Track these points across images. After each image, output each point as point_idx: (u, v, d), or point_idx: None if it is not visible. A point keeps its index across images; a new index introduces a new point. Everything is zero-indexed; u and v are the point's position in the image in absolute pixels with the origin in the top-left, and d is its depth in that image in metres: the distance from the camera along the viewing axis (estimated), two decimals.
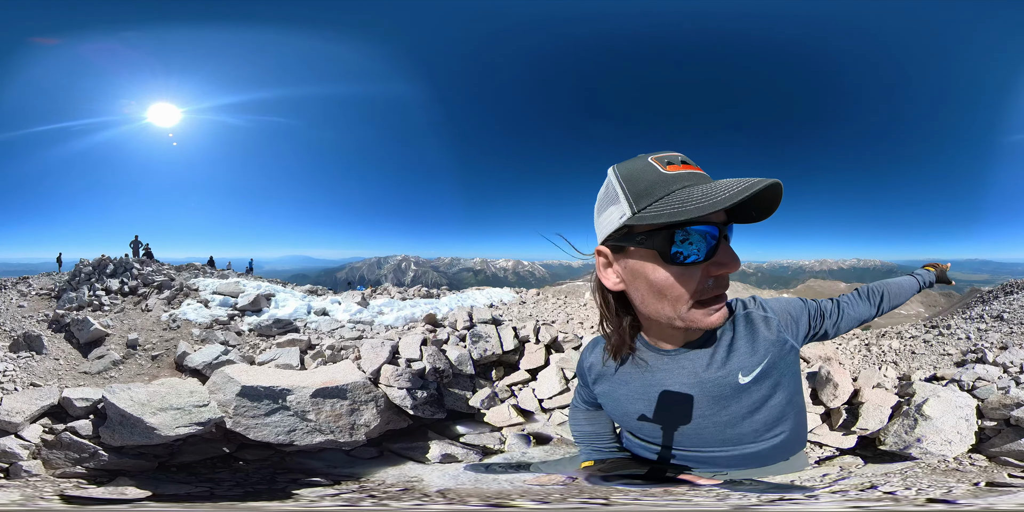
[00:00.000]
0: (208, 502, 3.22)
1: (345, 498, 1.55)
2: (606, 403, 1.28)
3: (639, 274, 1.01)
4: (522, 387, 5.38)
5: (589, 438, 1.48)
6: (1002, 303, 8.16)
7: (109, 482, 3.56)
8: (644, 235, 0.97)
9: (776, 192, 0.94)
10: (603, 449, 1.45)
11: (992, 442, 3.99)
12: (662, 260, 0.97)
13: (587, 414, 1.48)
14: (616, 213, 1.00)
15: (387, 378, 4.82)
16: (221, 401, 4.02)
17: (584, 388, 1.40)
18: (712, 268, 0.98)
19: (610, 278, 1.07)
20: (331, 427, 4.16)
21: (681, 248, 0.95)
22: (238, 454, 4.13)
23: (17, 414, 4.27)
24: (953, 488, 2.98)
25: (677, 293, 0.98)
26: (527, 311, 10.13)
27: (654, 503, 1.11)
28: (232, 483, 3.69)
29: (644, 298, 1.04)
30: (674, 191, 0.95)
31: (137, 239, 15.92)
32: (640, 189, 0.97)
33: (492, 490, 1.57)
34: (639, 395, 1.18)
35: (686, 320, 1.01)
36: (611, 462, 1.40)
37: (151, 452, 3.92)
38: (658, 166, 0.98)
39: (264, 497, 3.30)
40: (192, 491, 3.52)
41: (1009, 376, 4.69)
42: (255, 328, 8.23)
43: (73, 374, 6.52)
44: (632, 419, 1.21)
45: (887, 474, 3.54)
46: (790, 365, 1.15)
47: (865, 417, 4.40)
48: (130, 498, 3.18)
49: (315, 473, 3.90)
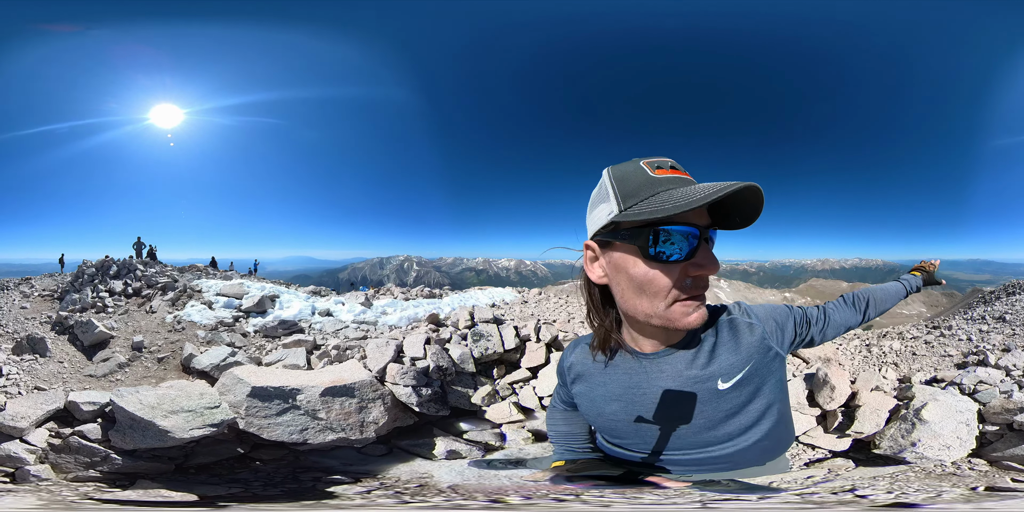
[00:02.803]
0: (265, 503, 3.20)
1: (389, 496, 1.56)
2: (581, 403, 1.30)
3: (621, 268, 1.06)
4: (523, 385, 5.45)
5: (564, 438, 1.49)
6: (1004, 304, 8.10)
7: (131, 485, 3.59)
8: (628, 232, 1.03)
9: (757, 199, 0.99)
10: (576, 449, 1.46)
11: (994, 447, 3.95)
12: (643, 256, 1.02)
13: (564, 414, 1.49)
14: (605, 210, 1.06)
15: (393, 376, 4.90)
16: (232, 402, 4.06)
17: (562, 388, 1.42)
18: (691, 268, 1.02)
19: (595, 271, 1.12)
20: (342, 425, 4.22)
21: (663, 247, 1.00)
22: (253, 454, 4.18)
23: (22, 419, 4.24)
24: (944, 492, 3.04)
25: (655, 289, 1.02)
26: (529, 310, 10.16)
27: (624, 503, 1.11)
28: (259, 483, 3.72)
29: (624, 292, 1.08)
30: (658, 192, 1.01)
31: (140, 240, 15.95)
32: (628, 189, 1.03)
33: (494, 486, 1.59)
34: (615, 397, 1.19)
35: (663, 318, 1.04)
36: (582, 463, 1.41)
37: (165, 455, 3.94)
38: (648, 170, 1.04)
39: (307, 496, 3.31)
40: (229, 492, 3.53)
41: (1012, 380, 4.64)
42: (260, 329, 8.28)
43: (78, 377, 6.46)
44: (606, 420, 1.22)
45: (874, 477, 3.60)
46: (774, 372, 1.16)
47: (861, 420, 4.38)
48: (181, 501, 3.16)
49: (334, 471, 3.95)
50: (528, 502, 1.17)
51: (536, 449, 4.46)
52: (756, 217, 1.03)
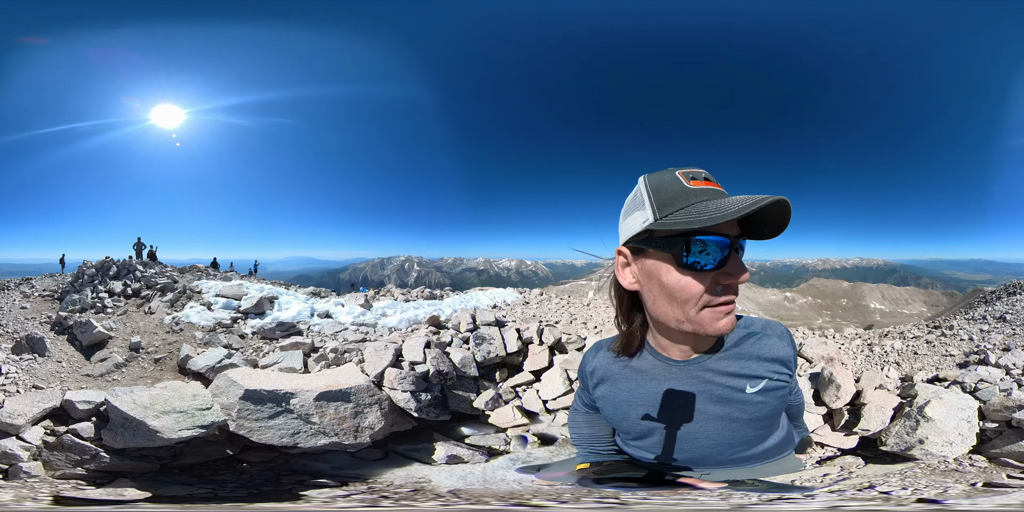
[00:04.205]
0: (211, 503, 3.22)
1: (359, 499, 1.55)
2: (605, 407, 1.32)
3: (654, 276, 1.09)
4: (526, 388, 5.39)
5: (587, 441, 1.51)
6: (1005, 304, 8.16)
7: (109, 483, 3.58)
8: (663, 240, 1.06)
9: (785, 212, 1.03)
10: (601, 452, 1.48)
11: (993, 443, 4.04)
12: (676, 264, 1.05)
13: (586, 417, 1.50)
14: (640, 217, 1.09)
15: (391, 381, 4.84)
16: (224, 404, 4.05)
17: (584, 392, 1.44)
18: (721, 277, 1.05)
19: (627, 277, 1.15)
20: (335, 429, 4.19)
21: (697, 257, 1.04)
22: (242, 456, 4.15)
23: (19, 416, 4.30)
24: (949, 488, 3.13)
25: (686, 296, 1.05)
26: (531, 312, 10.11)
27: (662, 503, 1.16)
28: (236, 484, 3.70)
29: (655, 299, 1.11)
30: (693, 203, 1.04)
31: (140, 241, 15.93)
32: (664, 199, 1.06)
33: (502, 491, 1.56)
34: (641, 401, 1.23)
35: (694, 322, 1.07)
36: (608, 465, 1.43)
37: (153, 454, 3.94)
38: (683, 180, 1.07)
39: (271, 498, 3.30)
40: (194, 492, 3.53)
41: (1012, 378, 4.76)
42: (258, 331, 8.21)
43: (76, 377, 6.50)
44: (632, 423, 1.25)
45: (886, 474, 3.67)
46: (782, 390, 1.22)
47: (867, 418, 4.46)
48: (127, 499, 3.18)
49: (321, 474, 3.92)
50: (561, 505, 1.21)
51: (542, 453, 4.45)
52: (783, 229, 1.07)
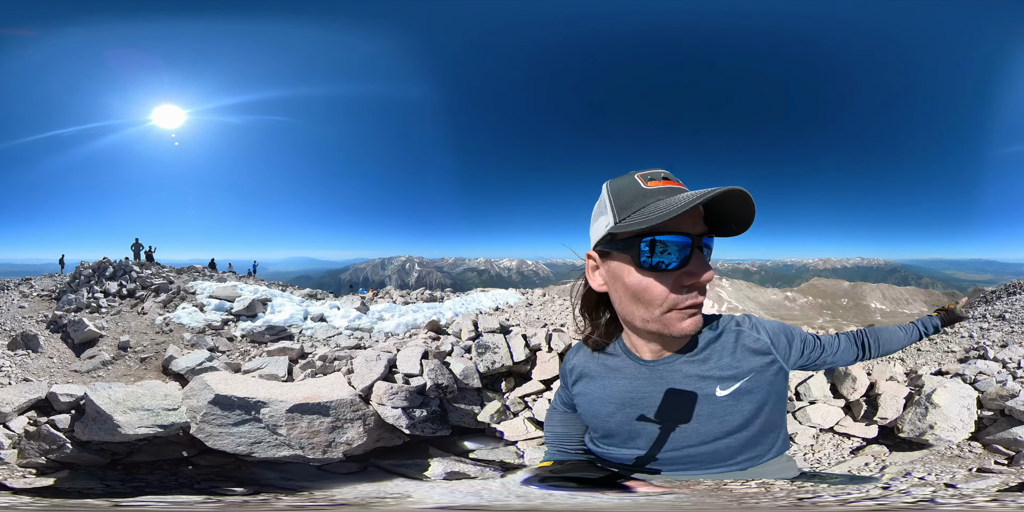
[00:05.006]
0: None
1: (284, 506, 1.50)
2: (580, 403, 1.34)
3: (618, 277, 1.12)
4: (536, 398, 5.10)
5: (558, 439, 1.52)
6: (1004, 303, 8.26)
7: (52, 473, 3.62)
8: (623, 242, 1.09)
9: (747, 205, 1.02)
10: (568, 451, 1.49)
11: (988, 430, 4.37)
12: (636, 265, 1.07)
13: (563, 416, 1.51)
14: (604, 222, 1.12)
15: (379, 396, 4.53)
16: (193, 407, 3.98)
17: (564, 390, 1.46)
18: (684, 277, 1.06)
19: (596, 280, 1.19)
20: (301, 443, 4.02)
21: (658, 257, 1.05)
22: (196, 459, 4.05)
23: (6, 405, 4.46)
24: (957, 473, 3.53)
25: (649, 297, 1.07)
26: (535, 314, 9.92)
27: (593, 504, 1.15)
28: (173, 482, 3.69)
29: (621, 299, 1.14)
30: (648, 203, 1.06)
31: (138, 242, 15.93)
32: (623, 202, 1.09)
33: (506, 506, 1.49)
34: (613, 399, 1.24)
35: (658, 323, 1.09)
36: (569, 464, 1.44)
37: (111, 449, 3.97)
38: (640, 182, 1.10)
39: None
40: (118, 488, 3.51)
41: (1007, 371, 5.01)
42: (248, 334, 8.11)
43: (64, 372, 6.66)
44: (601, 421, 1.27)
45: (912, 462, 4.15)
46: (775, 385, 1.20)
47: (884, 407, 4.72)
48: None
49: (265, 483, 3.79)
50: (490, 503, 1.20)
51: None
52: (750, 223, 1.06)
